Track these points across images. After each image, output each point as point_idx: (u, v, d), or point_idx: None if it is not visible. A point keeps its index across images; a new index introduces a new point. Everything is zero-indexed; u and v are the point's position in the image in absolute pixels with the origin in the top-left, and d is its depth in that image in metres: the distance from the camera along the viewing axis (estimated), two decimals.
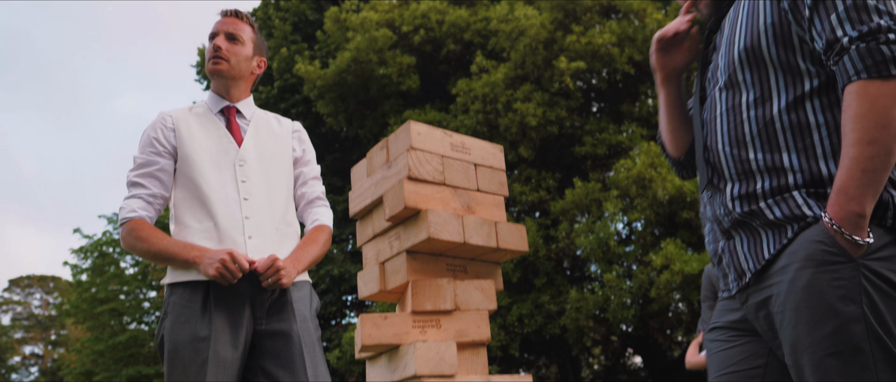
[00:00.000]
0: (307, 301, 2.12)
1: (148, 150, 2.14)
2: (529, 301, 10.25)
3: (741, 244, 1.42)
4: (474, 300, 1.29)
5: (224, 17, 2.27)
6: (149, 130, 2.18)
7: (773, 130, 1.36)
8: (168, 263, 2.03)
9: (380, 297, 1.38)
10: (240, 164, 2.14)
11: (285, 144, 2.29)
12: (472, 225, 1.24)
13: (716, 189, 1.47)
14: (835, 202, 1.21)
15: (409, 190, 1.21)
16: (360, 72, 11.69)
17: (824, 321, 1.20)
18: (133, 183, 2.12)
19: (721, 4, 1.54)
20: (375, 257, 1.35)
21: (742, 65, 1.41)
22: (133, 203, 2.09)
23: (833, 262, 1.22)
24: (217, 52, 2.19)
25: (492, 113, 10.64)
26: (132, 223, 2.05)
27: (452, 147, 1.30)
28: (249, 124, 2.25)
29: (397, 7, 12.24)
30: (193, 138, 2.15)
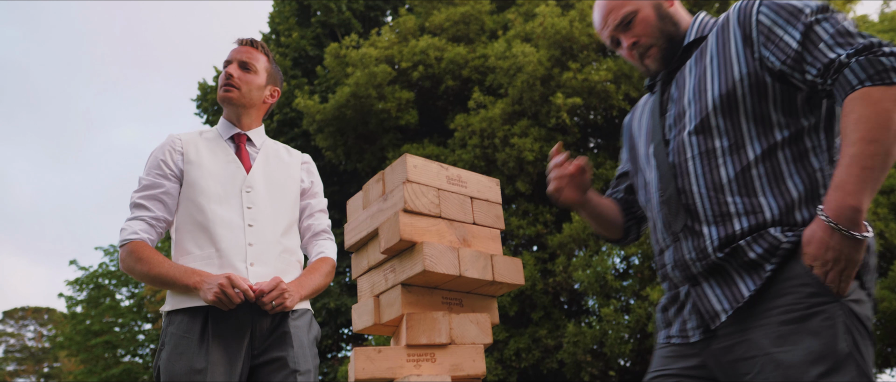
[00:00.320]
0: (306, 330, 2.07)
1: (154, 172, 2.11)
2: (527, 335, 10.16)
3: (711, 288, 1.44)
4: (470, 334, 1.28)
5: (239, 46, 2.27)
6: (157, 151, 2.15)
7: (749, 176, 1.41)
8: (168, 287, 2.00)
9: (374, 330, 1.37)
10: (246, 190, 2.12)
11: (294, 174, 2.26)
12: (467, 258, 1.24)
13: (691, 232, 1.48)
14: (832, 199, 1.23)
15: (405, 223, 1.21)
16: (359, 106, 11.78)
17: (818, 361, 1.21)
18: (136, 205, 2.08)
19: (669, 60, 1.63)
20: (370, 289, 1.34)
21: (716, 112, 1.46)
22: (135, 225, 2.04)
23: (818, 303, 1.25)
24: (229, 80, 2.19)
25: (489, 148, 10.69)
26: (132, 245, 2.01)
27: (449, 180, 1.31)
28: (259, 153, 2.23)
29: (397, 44, 12.39)
30: (201, 163, 2.13)
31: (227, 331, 1.95)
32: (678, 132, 1.54)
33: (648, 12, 1.61)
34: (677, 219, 1.51)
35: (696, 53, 1.57)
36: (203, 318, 1.96)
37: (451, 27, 12.25)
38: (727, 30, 1.51)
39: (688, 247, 1.49)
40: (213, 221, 2.04)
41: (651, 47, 1.62)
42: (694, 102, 1.51)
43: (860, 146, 1.23)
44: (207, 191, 2.08)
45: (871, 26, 13.25)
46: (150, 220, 2.06)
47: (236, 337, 1.96)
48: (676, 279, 1.53)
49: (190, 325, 1.96)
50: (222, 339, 1.94)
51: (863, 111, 1.24)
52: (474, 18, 12.19)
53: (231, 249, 2.01)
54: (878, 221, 9.34)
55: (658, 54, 1.62)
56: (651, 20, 1.61)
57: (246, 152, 2.22)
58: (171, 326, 2.00)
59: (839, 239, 1.21)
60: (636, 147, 1.76)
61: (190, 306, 1.97)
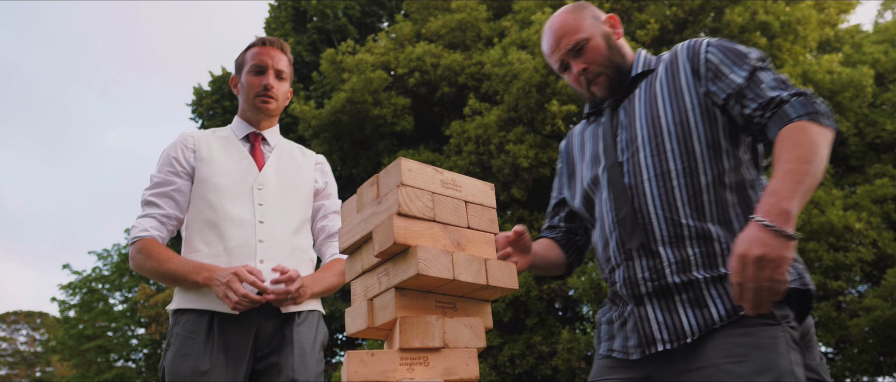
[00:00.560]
0: (312, 334, 2.04)
1: (166, 169, 2.08)
2: (521, 342, 10.15)
3: (654, 313, 1.51)
4: (463, 338, 1.28)
5: (270, 48, 2.18)
6: (169, 149, 2.12)
7: (701, 201, 1.51)
8: (177, 284, 1.97)
9: (367, 334, 1.37)
10: (258, 187, 2.08)
11: (307, 174, 2.23)
12: (461, 262, 1.24)
13: (646, 251, 1.54)
14: (766, 202, 1.31)
15: (399, 226, 1.21)
16: (355, 112, 11.79)
17: (764, 373, 1.32)
18: (147, 202, 2.05)
19: (615, 89, 1.70)
20: (364, 293, 1.34)
21: (670, 136, 1.55)
22: (145, 223, 2.01)
23: (765, 324, 1.38)
24: (268, 91, 2.14)
25: (485, 154, 10.71)
26: (142, 242, 1.98)
27: (443, 184, 1.31)
28: (273, 151, 2.20)
29: (393, 50, 12.41)
30: (213, 160, 2.10)
31: (232, 333, 1.93)
32: (632, 154, 1.60)
33: (600, 41, 1.68)
34: (633, 237, 1.57)
35: (644, 83, 1.67)
36: (209, 318, 1.93)
37: (448, 34, 12.28)
38: (676, 64, 1.62)
39: (642, 266, 1.55)
40: (223, 218, 2.00)
41: (600, 75, 1.68)
42: (647, 125, 1.59)
43: (795, 164, 1.33)
44: (218, 188, 2.05)
45: (866, 37, 13.33)
46: (160, 217, 2.03)
47: (241, 339, 1.93)
48: (624, 296, 1.59)
49: (195, 326, 1.93)
50: (227, 341, 1.92)
51: (799, 138, 1.37)
52: (470, 25, 12.23)
53: (240, 246, 1.98)
54: (871, 230, 9.37)
55: (606, 82, 1.68)
56: (602, 49, 1.68)
57: (260, 150, 2.18)
58: (177, 326, 1.97)
59: (772, 235, 1.26)
60: (576, 173, 1.80)
61: (196, 308, 1.94)
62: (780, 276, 1.25)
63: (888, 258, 9.80)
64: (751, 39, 10.47)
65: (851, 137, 11.11)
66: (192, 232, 2.04)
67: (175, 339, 1.94)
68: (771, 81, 1.49)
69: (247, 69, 2.17)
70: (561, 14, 1.72)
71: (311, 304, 2.08)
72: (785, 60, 10.83)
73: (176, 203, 2.06)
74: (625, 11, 11.39)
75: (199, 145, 2.12)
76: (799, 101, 1.43)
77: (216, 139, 2.16)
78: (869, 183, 10.42)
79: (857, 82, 10.46)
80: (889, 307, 8.81)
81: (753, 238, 1.26)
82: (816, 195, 9.53)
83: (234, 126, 2.22)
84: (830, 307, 9.35)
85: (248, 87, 2.16)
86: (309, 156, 2.30)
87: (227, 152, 2.13)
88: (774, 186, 1.33)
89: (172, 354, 1.92)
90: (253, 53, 2.17)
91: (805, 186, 1.32)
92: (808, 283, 1.47)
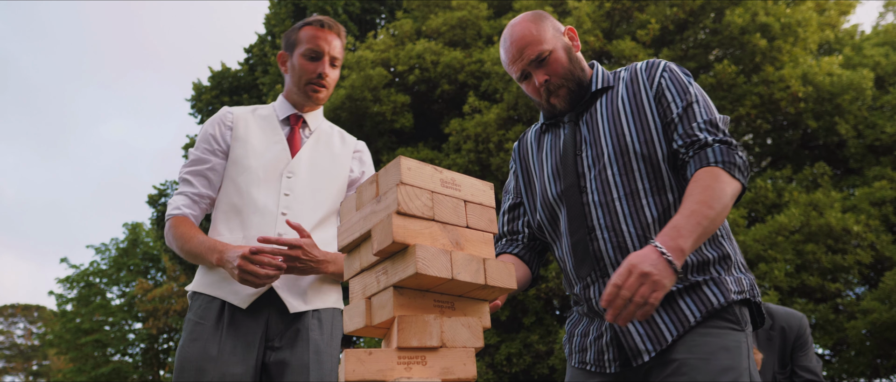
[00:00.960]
0: (328, 330, 1.99)
1: (202, 146, 2.05)
2: (518, 341, 10.16)
3: (636, 327, 1.55)
4: (461, 337, 1.28)
5: (327, 32, 2.07)
6: (208, 125, 2.08)
7: (670, 217, 1.56)
8: (198, 262, 1.96)
9: (365, 332, 1.37)
10: (288, 175, 2.02)
11: (343, 162, 2.15)
12: (460, 261, 1.24)
13: None
14: (668, 235, 1.38)
15: (398, 225, 1.21)
16: (355, 109, 11.78)
17: (728, 371, 1.44)
18: (183, 179, 2.04)
19: (575, 102, 1.71)
20: (362, 291, 1.34)
21: (636, 155, 1.59)
22: (178, 200, 2.01)
23: (730, 330, 1.50)
24: (322, 80, 2.07)
25: (484, 152, 10.70)
26: (174, 220, 1.97)
27: (443, 183, 1.31)
28: (311, 136, 2.12)
29: (393, 47, 12.40)
30: (248, 141, 2.04)
31: (243, 323, 1.90)
32: (600, 172, 1.62)
33: (562, 54, 1.68)
34: (583, 266, 1.61)
35: (604, 99, 1.70)
36: (220, 306, 1.92)
37: (448, 32, 12.27)
38: (637, 82, 1.67)
39: None
40: (248, 204, 1.97)
41: (561, 87, 1.69)
42: (613, 143, 1.62)
43: (700, 206, 1.41)
44: (248, 170, 2.00)
45: (866, 39, 13.34)
46: (193, 195, 2.01)
47: (251, 329, 1.90)
48: (601, 312, 1.61)
49: (205, 311, 1.91)
50: (238, 327, 1.89)
51: (710, 182, 1.45)
52: (471, 23, 12.22)
53: (259, 236, 1.91)
54: (869, 233, 9.38)
55: (567, 95, 1.69)
56: (563, 62, 1.68)
57: (299, 135, 2.10)
58: (190, 311, 1.96)
59: (664, 262, 1.33)
60: (534, 182, 1.80)
61: (209, 293, 1.93)
62: (654, 300, 1.32)
63: (886, 260, 9.81)
64: (751, 40, 10.47)
65: (851, 140, 11.12)
66: (218, 213, 2.02)
67: (187, 324, 1.94)
68: (703, 121, 1.56)
69: (301, 51, 2.07)
70: (522, 23, 1.70)
71: (330, 300, 2.04)
72: (785, 62, 10.83)
73: (208, 182, 2.03)
74: (625, 11, 11.38)
75: (238, 122, 2.07)
76: (721, 148, 1.50)
77: (255, 118, 2.10)
78: (868, 186, 10.43)
79: (857, 85, 10.46)
80: (887, 310, 8.82)
81: (647, 257, 1.34)
82: (815, 197, 9.54)
83: (277, 105, 2.14)
84: (828, 310, 9.36)
85: (301, 71, 2.07)
86: (349, 143, 2.21)
87: (264, 134, 2.07)
88: (678, 221, 1.40)
89: (184, 338, 1.91)
90: (309, 34, 2.06)
91: (704, 228, 1.40)
92: (758, 296, 1.61)
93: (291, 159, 2.04)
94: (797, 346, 3.51)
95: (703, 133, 1.54)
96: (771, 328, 3.55)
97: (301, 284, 1.97)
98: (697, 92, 1.62)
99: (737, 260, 1.63)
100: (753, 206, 10.29)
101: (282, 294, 1.93)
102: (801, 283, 9.33)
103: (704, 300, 1.52)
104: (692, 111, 1.58)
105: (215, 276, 1.94)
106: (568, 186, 1.65)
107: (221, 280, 1.93)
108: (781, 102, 10.56)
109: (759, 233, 9.27)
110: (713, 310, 1.51)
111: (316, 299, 2.00)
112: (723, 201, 1.44)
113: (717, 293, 1.53)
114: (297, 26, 2.11)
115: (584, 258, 1.60)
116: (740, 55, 10.97)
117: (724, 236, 1.63)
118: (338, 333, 2.03)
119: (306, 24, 2.09)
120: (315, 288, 2.00)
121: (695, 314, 1.51)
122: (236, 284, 1.91)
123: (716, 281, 1.54)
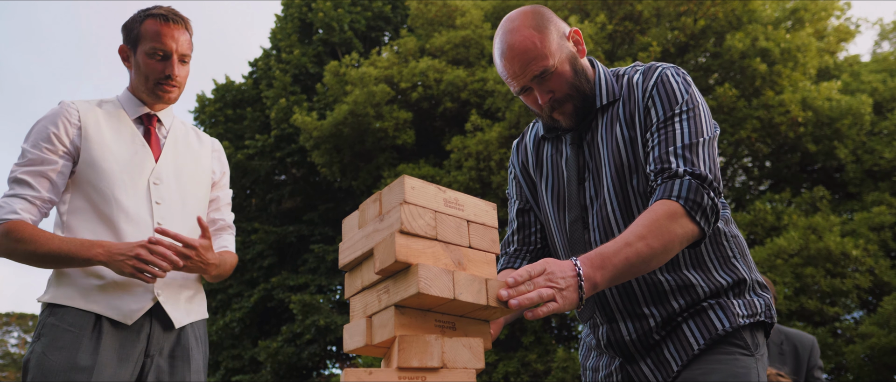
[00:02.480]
0: (203, 346, 1.93)
1: (44, 145, 1.81)
2: (516, 359, 10.11)
3: (647, 365, 1.52)
4: (462, 358, 1.28)
5: (174, 27, 1.89)
6: (47, 122, 1.84)
7: None
8: (62, 265, 1.75)
9: (366, 351, 1.36)
10: (155, 182, 1.88)
11: (205, 165, 2.04)
12: (462, 281, 1.24)
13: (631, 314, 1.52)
14: (591, 263, 1.26)
15: (401, 244, 1.21)
16: (357, 124, 11.81)
17: None
18: (18, 180, 1.79)
19: (580, 119, 1.58)
20: (363, 310, 1.34)
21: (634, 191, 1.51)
22: (14, 203, 1.76)
23: (740, 354, 1.44)
24: (171, 81, 1.91)
25: (485, 170, 10.72)
26: (10, 225, 1.73)
27: (446, 203, 1.31)
28: (168, 137, 1.98)
29: (397, 64, 12.47)
30: (103, 143, 1.85)
31: (123, 333, 1.76)
32: (600, 207, 1.54)
33: (566, 67, 1.52)
34: (585, 311, 1.58)
35: (607, 117, 1.56)
36: (94, 320, 1.75)
37: (452, 50, 12.34)
38: (634, 97, 1.54)
39: (627, 328, 1.54)
40: (116, 212, 1.80)
41: (566, 103, 1.54)
42: (612, 174, 1.53)
43: (638, 243, 1.28)
44: (110, 174, 1.82)
45: (864, 66, 13.42)
46: (32, 198, 1.78)
47: (132, 341, 1.76)
48: (610, 354, 1.59)
49: (78, 320, 1.73)
50: (116, 340, 1.74)
51: (660, 220, 1.31)
52: (474, 42, 12.30)
53: (156, 227, 1.80)
54: (868, 257, 9.37)
55: (572, 110, 1.55)
56: (568, 76, 1.52)
57: (156, 136, 1.96)
58: (52, 316, 1.74)
59: (576, 284, 1.23)
60: (538, 192, 1.71)
61: (78, 307, 1.74)
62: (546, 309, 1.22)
63: (885, 285, 9.79)
64: (751, 65, 10.52)
65: (849, 165, 11.15)
66: (77, 221, 1.81)
67: (47, 330, 1.72)
68: (680, 145, 1.41)
69: (145, 49, 1.89)
70: (523, 30, 1.49)
71: (202, 311, 1.97)
72: (784, 87, 10.88)
73: (52, 185, 1.80)
74: (627, 33, 11.46)
75: (86, 121, 1.85)
76: (690, 183, 1.36)
77: (104, 115, 1.90)
78: (866, 210, 10.44)
79: (855, 110, 10.51)
80: (885, 335, 8.79)
81: (564, 271, 1.24)
82: (814, 221, 9.54)
83: (124, 101, 1.96)
84: (827, 333, 9.32)
85: (148, 71, 1.90)
86: (205, 142, 2.10)
87: (119, 134, 1.89)
88: (609, 251, 1.28)
89: (42, 346, 1.69)
90: (153, 30, 1.88)
91: (631, 268, 1.28)
92: (773, 317, 1.54)
93: (155, 163, 1.91)
94: (812, 364, 3.57)
95: (677, 161, 1.39)
96: (782, 344, 3.61)
97: (180, 296, 1.88)
98: (687, 103, 1.46)
99: (753, 281, 1.54)
100: (752, 229, 10.28)
101: (167, 308, 1.83)
102: (799, 306, 9.30)
103: (708, 327, 1.47)
104: (672, 132, 1.43)
105: (86, 286, 1.77)
106: (573, 220, 1.58)
107: (94, 291, 1.77)
108: (781, 126, 10.60)
109: (758, 256, 9.26)
110: (717, 337, 1.45)
111: (192, 311, 1.93)
112: (668, 244, 1.31)
113: (722, 317, 1.46)
114: (137, 18, 1.93)
115: (586, 302, 1.58)
116: (740, 79, 11.03)
117: (737, 256, 1.54)
118: (206, 347, 1.96)
119: (148, 16, 1.90)
120: (190, 299, 1.92)
121: (698, 341, 1.46)
122: (115, 297, 1.77)
123: (722, 305, 1.48)
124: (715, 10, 11.01)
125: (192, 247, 1.77)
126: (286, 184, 15.42)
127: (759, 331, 1.51)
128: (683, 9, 11.10)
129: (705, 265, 1.51)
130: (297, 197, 15.28)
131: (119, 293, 1.78)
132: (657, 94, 1.49)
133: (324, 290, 14.18)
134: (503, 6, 12.62)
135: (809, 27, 11.72)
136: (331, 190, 15.17)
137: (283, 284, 13.71)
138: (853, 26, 12.70)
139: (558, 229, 1.63)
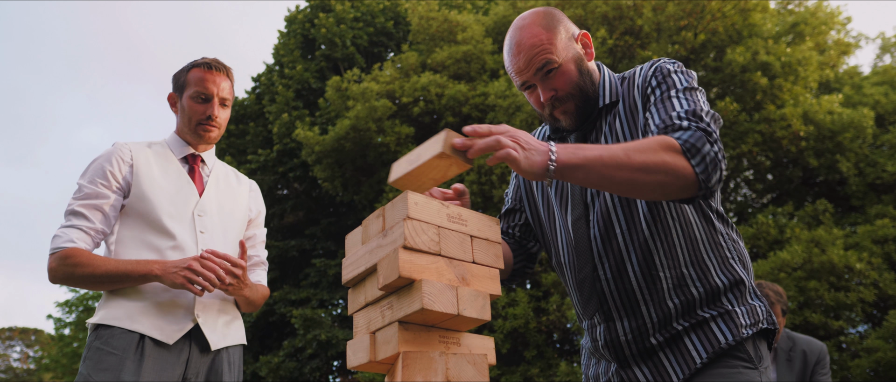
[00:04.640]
0: (236, 372, 2.02)
1: (99, 181, 1.97)
2: (519, 374, 10.05)
3: (643, 373, 1.49)
4: (467, 374, 1.27)
5: (215, 74, 2.10)
6: (103, 160, 2.00)
7: (671, 244, 1.49)
8: (119, 284, 1.88)
9: (369, 367, 1.36)
10: (199, 214, 2.04)
11: (243, 203, 2.21)
12: (466, 297, 1.24)
13: (629, 312, 1.51)
14: (564, 147, 1.23)
15: (404, 259, 1.21)
16: (359, 139, 11.85)
17: None
18: (75, 212, 1.93)
19: (582, 120, 1.58)
20: (367, 326, 1.33)
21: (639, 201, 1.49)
22: (71, 233, 1.91)
23: (744, 367, 1.41)
24: (211, 121, 2.09)
25: (487, 184, 10.73)
26: (68, 251, 1.87)
27: (449, 218, 1.31)
28: (210, 176, 2.16)
29: (398, 79, 12.52)
30: (152, 178, 2.01)
31: (165, 356, 1.86)
32: (602, 203, 1.53)
33: (572, 67, 1.52)
34: (589, 305, 1.55)
35: (609, 119, 1.56)
36: (138, 340, 1.85)
37: (453, 65, 12.39)
38: (634, 98, 1.54)
39: (624, 328, 1.52)
40: (165, 240, 1.94)
41: (568, 102, 1.54)
42: None
43: (618, 148, 1.25)
44: (160, 207, 1.97)
45: (866, 79, 13.44)
46: (87, 229, 1.92)
47: (173, 365, 1.86)
48: (607, 356, 1.56)
49: (122, 342, 1.83)
50: (158, 363, 1.84)
51: (651, 142, 1.28)
52: (476, 57, 12.35)
53: (205, 249, 1.92)
54: (872, 271, 9.34)
55: (574, 110, 1.55)
56: (573, 75, 1.52)
57: (199, 173, 2.13)
58: (98, 340, 1.85)
59: (545, 151, 1.21)
60: (536, 198, 1.71)
61: (124, 327, 1.85)
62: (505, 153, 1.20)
63: (889, 298, 9.75)
64: (752, 79, 10.55)
65: (852, 178, 11.14)
66: (126, 249, 1.95)
67: (93, 353, 1.83)
68: (683, 110, 1.39)
69: (190, 94, 2.09)
70: (532, 27, 1.51)
71: (239, 336, 2.07)
72: (786, 100, 10.90)
73: (105, 218, 1.95)
74: (628, 48, 11.51)
75: (137, 159, 2.02)
76: (696, 134, 1.32)
77: (153, 154, 2.08)
78: (870, 223, 10.42)
79: (857, 123, 10.52)
80: (891, 349, 8.74)
81: (534, 139, 1.23)
82: (817, 234, 9.52)
83: (171, 143, 2.15)
84: (832, 348, 9.27)
85: (191, 113, 2.09)
86: (243, 182, 2.28)
87: (166, 173, 2.06)
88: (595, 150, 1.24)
89: (87, 368, 1.80)
90: (197, 77, 2.09)
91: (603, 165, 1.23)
92: (774, 323, 1.52)
93: (199, 198, 2.07)
94: (817, 370, 3.54)
95: (682, 120, 1.36)
96: (791, 350, 3.59)
97: (218, 321, 1.99)
98: (687, 85, 1.45)
99: (751, 285, 1.53)
100: (755, 242, 10.26)
101: (205, 330, 1.93)
102: (803, 320, 9.25)
103: (712, 340, 1.44)
104: (671, 103, 1.42)
105: (132, 308, 1.89)
106: (576, 218, 1.57)
107: (140, 314, 1.88)
108: (783, 140, 10.61)
109: (761, 269, 9.23)
110: (721, 350, 1.43)
111: (229, 335, 2.03)
112: (649, 164, 1.24)
113: (725, 330, 1.44)
114: (185, 68, 2.14)
115: (590, 297, 1.56)
116: (741, 93, 11.05)
117: (736, 259, 1.52)
118: (239, 373, 2.06)
119: (194, 66, 2.11)
120: (227, 324, 2.03)
121: (701, 354, 1.44)
122: (158, 318, 1.88)
123: (725, 316, 1.45)
124: (715, 24, 11.06)
125: (238, 267, 1.90)
126: (288, 198, 15.43)
127: (761, 341, 1.49)
128: (684, 23, 11.15)
129: (704, 264, 1.49)
130: (299, 212, 15.30)
131: (162, 315, 1.89)
132: (656, 79, 1.50)
133: (325, 304, 14.14)
134: (505, 21, 12.69)
135: (810, 41, 11.76)
136: (333, 205, 15.19)
137: (284, 298, 13.69)
138: (853, 40, 12.74)
139: (562, 228, 1.63)
